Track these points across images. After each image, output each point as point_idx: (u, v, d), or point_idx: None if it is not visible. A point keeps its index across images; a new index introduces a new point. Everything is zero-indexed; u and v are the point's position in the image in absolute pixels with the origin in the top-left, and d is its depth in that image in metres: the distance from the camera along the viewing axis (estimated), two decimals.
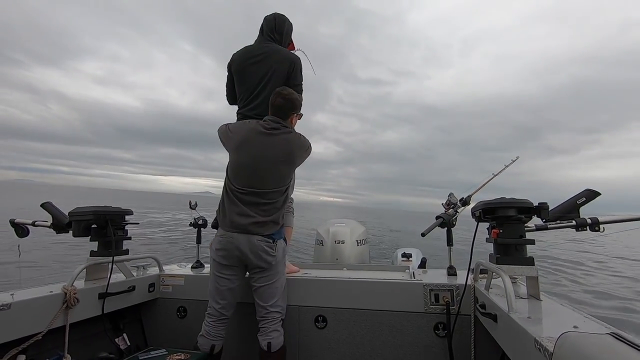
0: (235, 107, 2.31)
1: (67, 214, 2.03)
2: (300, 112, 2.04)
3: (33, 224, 2.09)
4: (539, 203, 1.54)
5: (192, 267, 2.52)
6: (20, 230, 2.12)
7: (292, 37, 2.39)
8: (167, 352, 1.88)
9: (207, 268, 2.49)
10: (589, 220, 1.48)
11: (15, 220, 2.09)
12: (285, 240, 2.00)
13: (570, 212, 1.52)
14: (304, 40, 2.50)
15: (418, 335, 1.95)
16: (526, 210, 1.54)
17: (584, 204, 1.51)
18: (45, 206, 2.09)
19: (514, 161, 2.44)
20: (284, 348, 1.86)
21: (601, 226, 1.47)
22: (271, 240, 1.83)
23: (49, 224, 2.06)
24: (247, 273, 1.95)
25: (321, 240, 3.23)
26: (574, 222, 1.50)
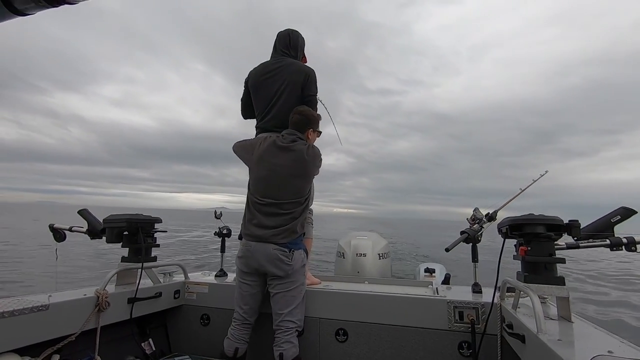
0: (249, 122, 2.39)
1: (101, 221, 2.13)
2: (319, 129, 2.12)
3: (70, 230, 2.21)
4: (569, 220, 1.49)
5: (215, 276, 2.57)
6: (58, 235, 2.24)
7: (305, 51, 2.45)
8: (190, 359, 1.92)
9: (230, 277, 2.54)
10: (624, 240, 1.42)
11: (54, 225, 2.21)
12: (305, 251, 2.03)
13: (603, 231, 1.46)
14: (312, 55, 2.54)
15: (441, 353, 1.89)
16: (556, 227, 1.49)
17: (618, 222, 1.45)
18: (82, 213, 2.21)
19: (542, 175, 2.37)
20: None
21: (638, 246, 1.41)
22: (287, 249, 1.87)
23: (84, 230, 2.17)
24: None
25: (342, 253, 3.22)
26: (608, 241, 1.44)
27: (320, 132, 2.16)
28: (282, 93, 2.21)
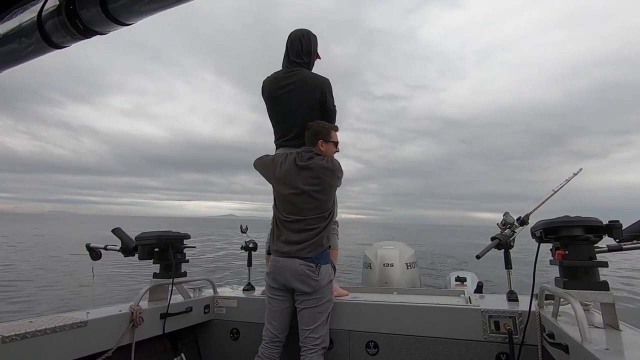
0: (257, 131, 2.42)
1: (134, 239, 2.21)
2: (332, 139, 2.08)
3: (105, 248, 2.30)
4: (609, 221, 1.41)
5: (243, 290, 2.59)
6: (94, 253, 2.33)
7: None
8: None
9: (258, 290, 2.55)
10: None
11: (90, 245, 2.31)
12: (333, 265, 2.01)
13: None
14: (318, 63, 2.43)
15: None
16: (595, 229, 1.42)
17: None
18: (116, 232, 2.30)
19: (576, 174, 2.26)
20: None
21: None
22: (314, 265, 1.86)
23: (118, 248, 2.25)
24: None
25: (369, 264, 3.18)
26: None
27: (337, 143, 2.12)
28: (300, 111, 2.18)
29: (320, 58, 2.40)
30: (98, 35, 0.70)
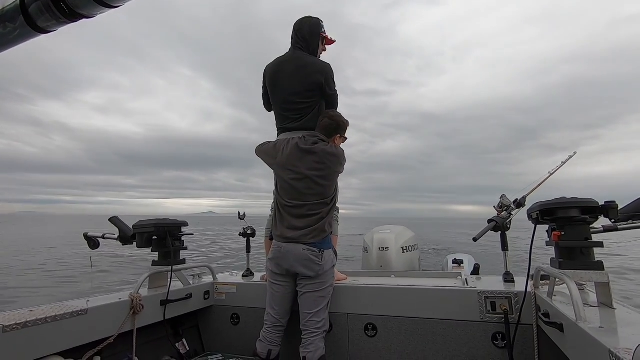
0: (238, 125, 2.43)
1: (131, 227, 2.20)
2: (345, 136, 2.13)
3: (103, 237, 2.29)
4: (605, 202, 1.42)
5: (243, 276, 2.62)
6: (92, 242, 2.32)
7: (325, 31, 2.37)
8: (223, 358, 1.96)
9: (257, 276, 2.58)
10: None
11: (88, 234, 2.30)
12: (335, 251, 2.03)
13: None
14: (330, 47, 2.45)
15: (475, 345, 1.85)
16: (591, 210, 1.42)
17: None
18: (113, 220, 2.29)
19: (571, 157, 2.27)
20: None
21: None
22: (317, 250, 1.88)
23: (116, 236, 2.25)
24: None
25: (367, 248, 3.20)
26: None
27: (346, 138, 2.16)
28: (301, 95, 2.20)
29: (334, 41, 2.43)
30: (85, 19, 0.68)
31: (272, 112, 2.42)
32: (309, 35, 2.30)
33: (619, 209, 1.40)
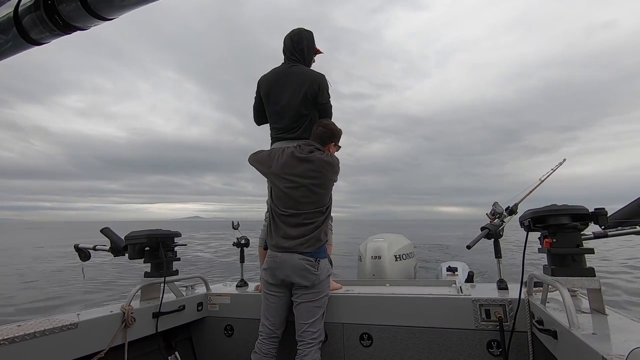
0: (222, 130, 2.46)
1: (123, 238, 2.18)
2: (339, 144, 2.15)
3: (94, 249, 2.26)
4: (595, 209, 1.44)
5: (237, 286, 2.58)
6: (83, 254, 2.29)
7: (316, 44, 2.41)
8: None
9: (251, 286, 2.55)
10: None
11: (79, 246, 2.27)
12: (330, 261, 2.02)
13: (632, 217, 1.40)
14: (320, 57, 2.56)
15: (470, 353, 1.85)
16: (581, 217, 1.45)
17: None
18: (104, 231, 2.26)
19: (561, 163, 2.32)
20: None
21: None
22: (313, 259, 1.87)
23: (107, 248, 2.22)
24: None
25: (360, 256, 3.20)
26: (638, 228, 1.39)
27: (340, 147, 2.17)
28: (294, 105, 2.24)
29: (322, 52, 2.49)
30: (79, 31, 0.68)
31: (262, 123, 2.47)
32: (307, 48, 2.38)
33: (608, 215, 1.43)
